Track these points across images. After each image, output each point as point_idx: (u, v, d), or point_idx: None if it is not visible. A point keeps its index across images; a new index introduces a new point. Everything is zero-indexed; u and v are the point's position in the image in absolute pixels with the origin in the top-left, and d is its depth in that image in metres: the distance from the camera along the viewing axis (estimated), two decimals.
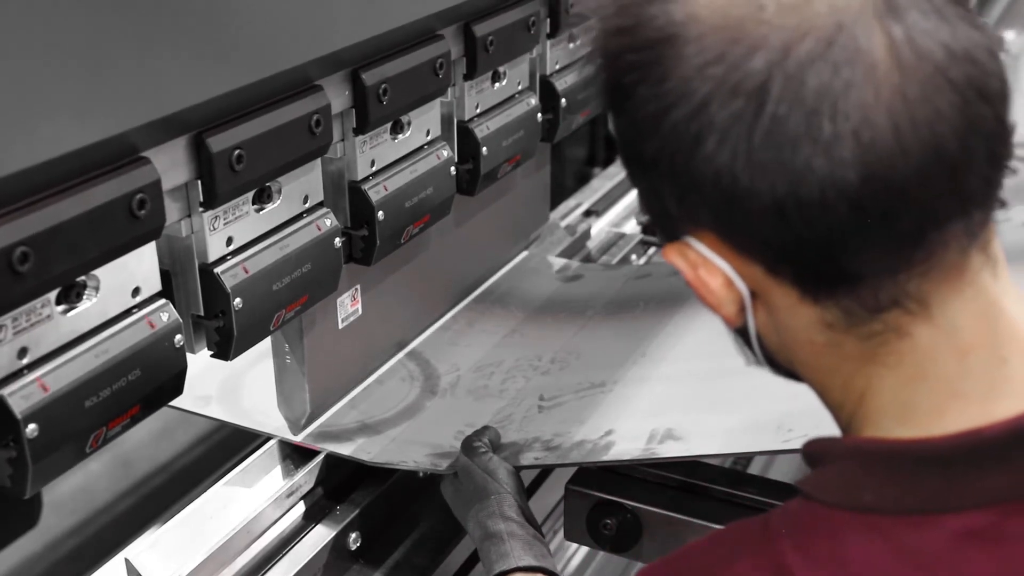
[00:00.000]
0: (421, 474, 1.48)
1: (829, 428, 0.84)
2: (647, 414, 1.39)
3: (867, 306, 0.75)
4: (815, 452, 0.81)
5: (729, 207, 0.74)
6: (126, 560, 1.23)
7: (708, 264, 0.79)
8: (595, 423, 1.38)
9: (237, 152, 1.02)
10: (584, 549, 1.57)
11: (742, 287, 0.79)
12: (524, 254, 1.91)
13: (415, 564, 1.38)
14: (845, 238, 0.72)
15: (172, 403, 1.49)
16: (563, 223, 2.10)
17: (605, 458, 1.31)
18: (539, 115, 1.61)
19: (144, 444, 3.39)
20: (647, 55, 0.75)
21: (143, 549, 1.24)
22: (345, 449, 1.40)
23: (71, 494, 2.94)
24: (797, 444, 1.22)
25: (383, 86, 1.21)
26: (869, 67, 0.69)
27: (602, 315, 1.72)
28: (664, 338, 1.58)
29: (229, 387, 1.56)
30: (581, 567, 1.65)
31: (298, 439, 1.42)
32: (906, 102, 0.69)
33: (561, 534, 1.55)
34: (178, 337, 1.01)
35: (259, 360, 1.57)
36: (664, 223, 0.82)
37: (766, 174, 0.71)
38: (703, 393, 1.43)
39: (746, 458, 2.34)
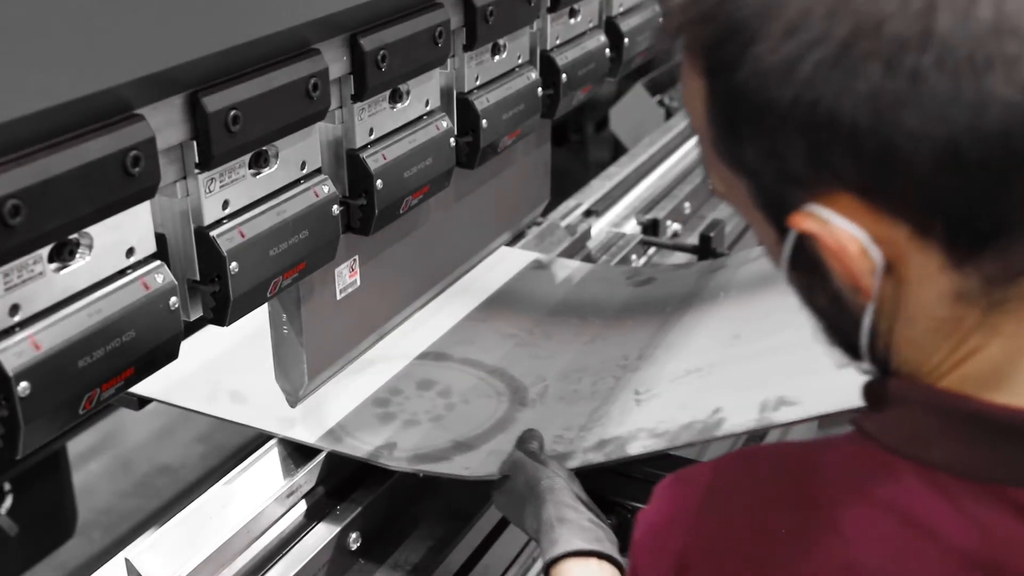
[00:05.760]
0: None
1: None
2: (751, 386, 1.35)
3: (1014, 268, 0.68)
4: (884, 392, 0.75)
5: (887, 155, 0.65)
6: (126, 560, 1.23)
7: (839, 232, 0.69)
8: (699, 404, 1.35)
9: (233, 113, 1.01)
10: None
11: (877, 256, 0.69)
12: (588, 265, 1.89)
13: (415, 564, 1.37)
14: (1017, 178, 0.65)
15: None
16: (563, 223, 2.09)
17: (718, 434, 1.28)
18: (539, 90, 1.59)
19: (144, 444, 3.38)
20: None
21: (143, 549, 1.24)
22: (442, 468, 1.37)
23: None
24: None
25: (382, 52, 1.20)
26: None
27: (682, 309, 1.68)
28: (758, 319, 1.54)
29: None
30: None
31: (373, 458, 1.38)
32: None
33: None
34: (173, 299, 1.00)
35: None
36: (782, 190, 0.72)
37: (941, 108, 0.63)
38: (803, 359, 1.35)
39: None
